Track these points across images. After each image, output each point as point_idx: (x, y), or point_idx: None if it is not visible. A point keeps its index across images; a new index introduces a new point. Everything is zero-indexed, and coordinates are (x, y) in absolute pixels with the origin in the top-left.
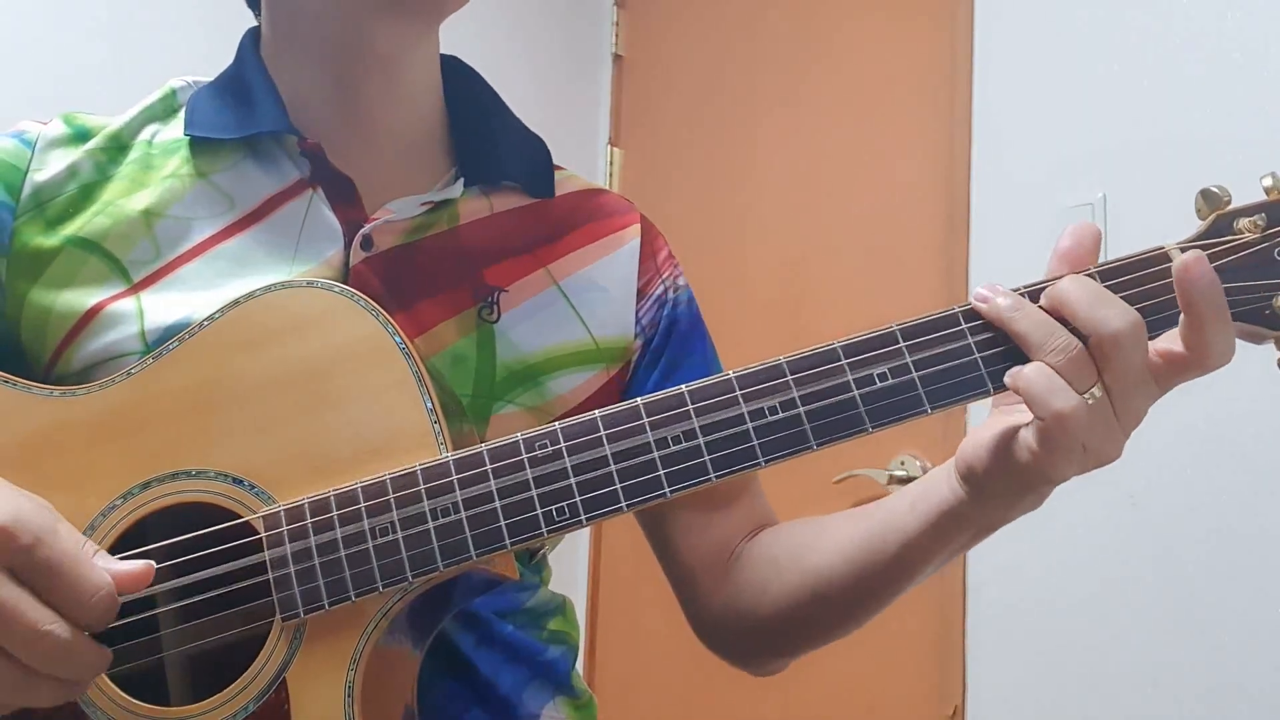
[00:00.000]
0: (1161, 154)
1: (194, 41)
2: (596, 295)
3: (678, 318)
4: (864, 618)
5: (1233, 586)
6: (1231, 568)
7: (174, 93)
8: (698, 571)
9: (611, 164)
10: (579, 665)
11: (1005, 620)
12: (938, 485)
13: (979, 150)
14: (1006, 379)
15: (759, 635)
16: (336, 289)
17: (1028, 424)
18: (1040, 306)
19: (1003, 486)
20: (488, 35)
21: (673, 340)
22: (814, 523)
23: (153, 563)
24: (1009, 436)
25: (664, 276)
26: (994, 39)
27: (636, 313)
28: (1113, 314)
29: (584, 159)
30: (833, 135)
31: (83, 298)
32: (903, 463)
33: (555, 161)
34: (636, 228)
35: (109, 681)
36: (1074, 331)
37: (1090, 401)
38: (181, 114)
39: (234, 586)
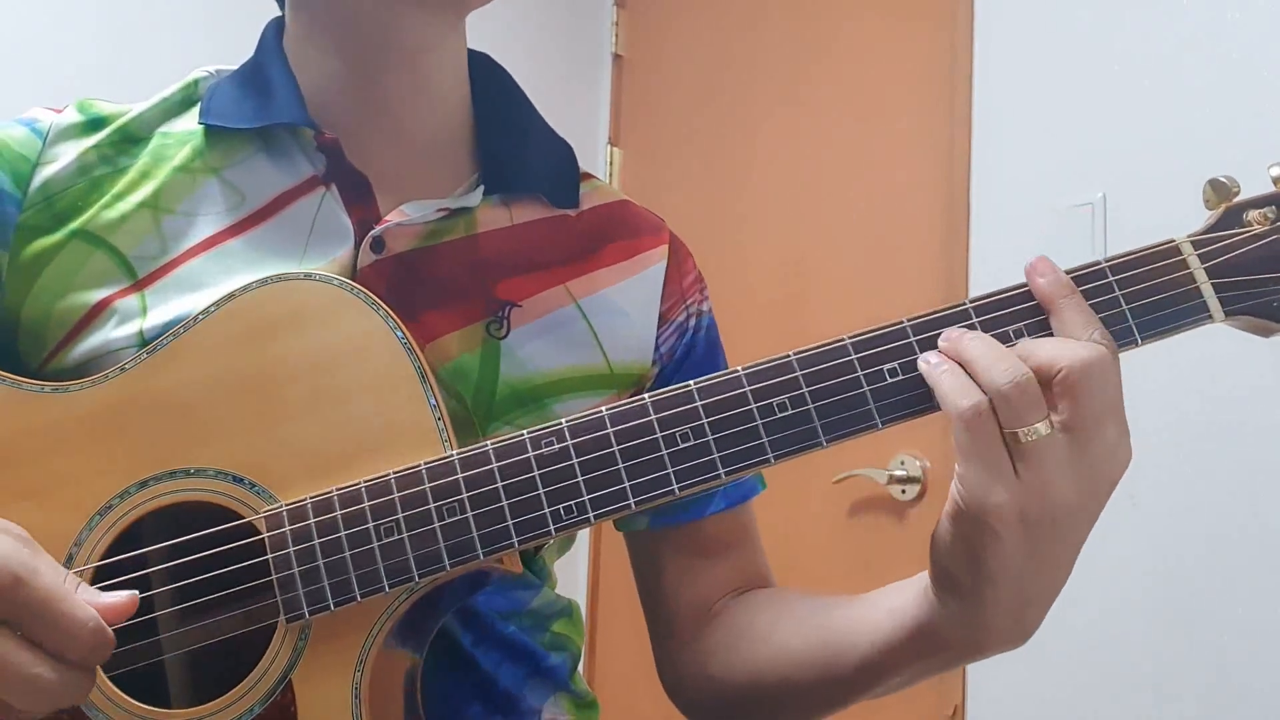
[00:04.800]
0: (1161, 154)
1: (194, 42)
2: (617, 318)
3: (695, 344)
4: (830, 710)
5: (1233, 586)
6: (1231, 568)
7: (196, 83)
8: (676, 620)
9: (611, 164)
10: (580, 668)
11: None
12: (915, 588)
13: (979, 150)
14: (920, 364)
15: (722, 703)
16: (335, 282)
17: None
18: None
19: (962, 565)
20: (488, 35)
21: (686, 367)
22: (793, 599)
23: (136, 593)
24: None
25: (688, 302)
26: (994, 39)
27: (657, 339)
28: (1005, 368)
29: (584, 159)
30: (833, 135)
31: (87, 294)
32: (903, 462)
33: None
34: (664, 249)
35: (112, 685)
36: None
37: (1042, 435)
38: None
39: (237, 588)
